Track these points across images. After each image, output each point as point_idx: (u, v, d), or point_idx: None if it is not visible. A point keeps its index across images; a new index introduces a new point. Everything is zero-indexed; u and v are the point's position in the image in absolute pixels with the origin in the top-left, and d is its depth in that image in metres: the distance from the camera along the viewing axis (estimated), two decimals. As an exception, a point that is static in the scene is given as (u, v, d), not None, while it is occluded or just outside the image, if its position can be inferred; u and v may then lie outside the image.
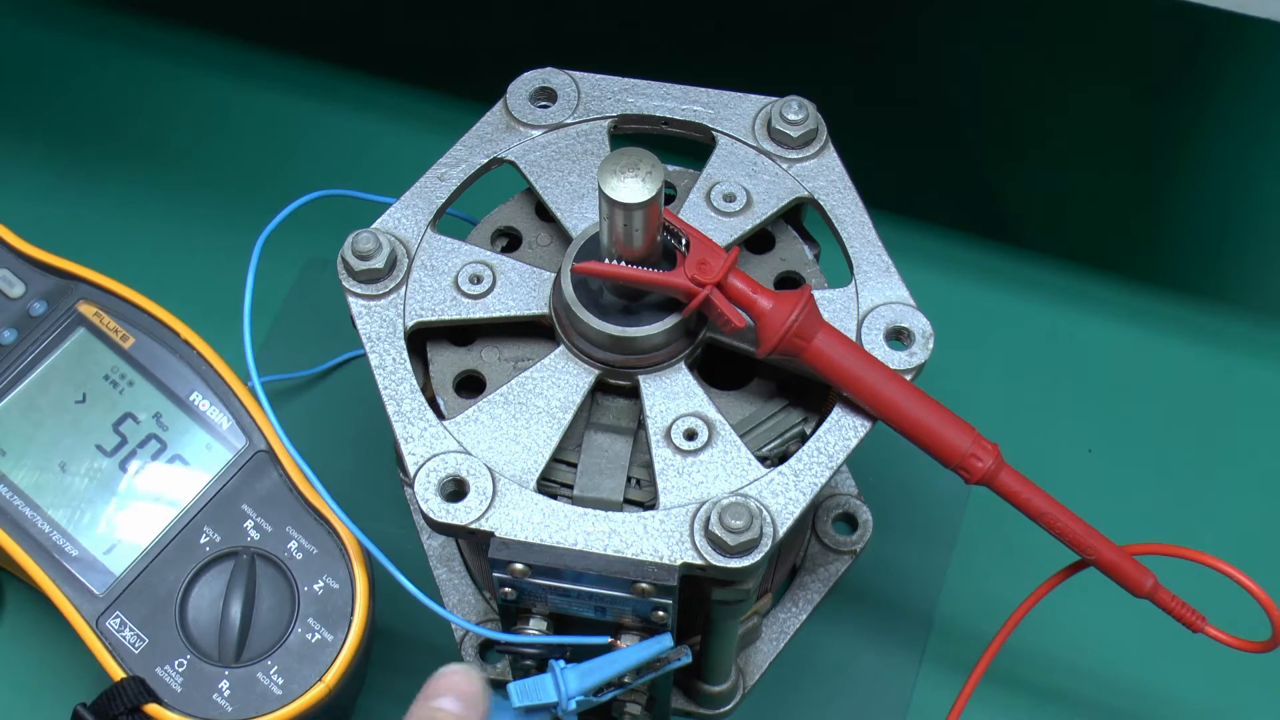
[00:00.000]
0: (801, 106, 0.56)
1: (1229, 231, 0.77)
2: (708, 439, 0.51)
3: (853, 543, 0.66)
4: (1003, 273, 0.74)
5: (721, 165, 0.56)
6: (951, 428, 0.50)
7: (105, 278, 0.62)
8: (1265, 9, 0.57)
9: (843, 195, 0.55)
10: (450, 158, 0.56)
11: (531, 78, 0.58)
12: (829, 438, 0.51)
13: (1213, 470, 0.69)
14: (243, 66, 0.80)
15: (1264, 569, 0.53)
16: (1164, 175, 0.79)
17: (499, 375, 0.54)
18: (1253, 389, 0.71)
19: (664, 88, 0.58)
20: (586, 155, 0.56)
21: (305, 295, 0.73)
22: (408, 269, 0.54)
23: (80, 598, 0.57)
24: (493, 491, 0.50)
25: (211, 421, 0.59)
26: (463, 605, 0.65)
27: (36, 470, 0.59)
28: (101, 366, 0.60)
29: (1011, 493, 0.51)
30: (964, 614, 0.66)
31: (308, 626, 0.56)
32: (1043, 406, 0.71)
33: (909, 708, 0.64)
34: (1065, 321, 0.73)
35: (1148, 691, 0.64)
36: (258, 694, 0.55)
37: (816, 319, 0.50)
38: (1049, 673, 0.65)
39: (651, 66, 0.59)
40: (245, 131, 0.79)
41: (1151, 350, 0.72)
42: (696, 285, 0.49)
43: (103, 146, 0.78)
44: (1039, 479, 0.51)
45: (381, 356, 0.53)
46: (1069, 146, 0.80)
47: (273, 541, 0.57)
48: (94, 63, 0.81)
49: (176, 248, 0.74)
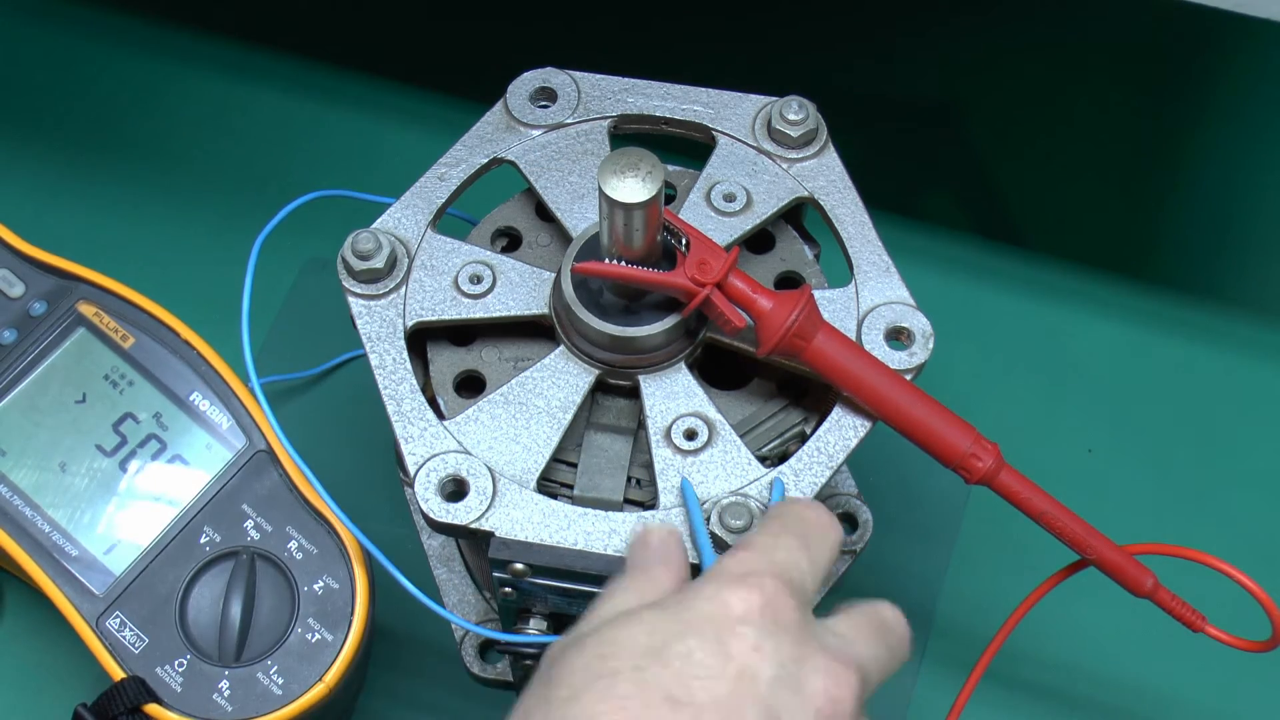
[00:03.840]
0: (801, 106, 0.56)
1: (1229, 231, 0.77)
2: (708, 439, 0.51)
3: (852, 543, 0.66)
4: (1003, 273, 0.74)
5: (721, 165, 0.56)
6: (951, 427, 0.50)
7: (105, 278, 0.62)
8: (1265, 9, 0.57)
9: (843, 195, 0.55)
10: (450, 158, 0.56)
11: (531, 78, 0.58)
12: (829, 438, 0.51)
13: (1213, 470, 0.69)
14: (243, 67, 0.80)
15: (1264, 569, 0.53)
16: (1164, 175, 0.79)
17: (499, 375, 0.54)
18: (1253, 389, 0.71)
19: (664, 88, 0.58)
20: (586, 155, 0.56)
21: (305, 295, 0.73)
22: (408, 269, 0.54)
23: (80, 598, 0.57)
24: (493, 491, 0.50)
25: (211, 421, 0.59)
26: (463, 605, 0.64)
27: (36, 470, 0.59)
28: (101, 366, 0.60)
29: (1011, 492, 0.51)
30: (964, 614, 0.66)
31: (308, 626, 0.56)
32: (1043, 406, 0.71)
33: (909, 708, 0.64)
34: (1065, 321, 0.73)
35: (1148, 691, 0.64)
36: (258, 694, 0.55)
37: (816, 319, 0.50)
38: (1049, 673, 0.65)
39: (651, 66, 0.59)
40: (245, 132, 0.79)
41: (1151, 350, 0.72)
42: (696, 285, 0.49)
43: (103, 146, 0.78)
44: (1039, 479, 0.51)
45: (381, 356, 0.53)
46: (1069, 146, 0.80)
47: (273, 541, 0.57)
48: (94, 63, 0.81)
49: (176, 248, 0.74)
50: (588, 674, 0.40)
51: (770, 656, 0.40)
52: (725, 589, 0.41)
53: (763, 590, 0.41)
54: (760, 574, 0.42)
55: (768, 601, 0.41)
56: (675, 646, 0.40)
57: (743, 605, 0.41)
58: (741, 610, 0.41)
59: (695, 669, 0.39)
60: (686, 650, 0.40)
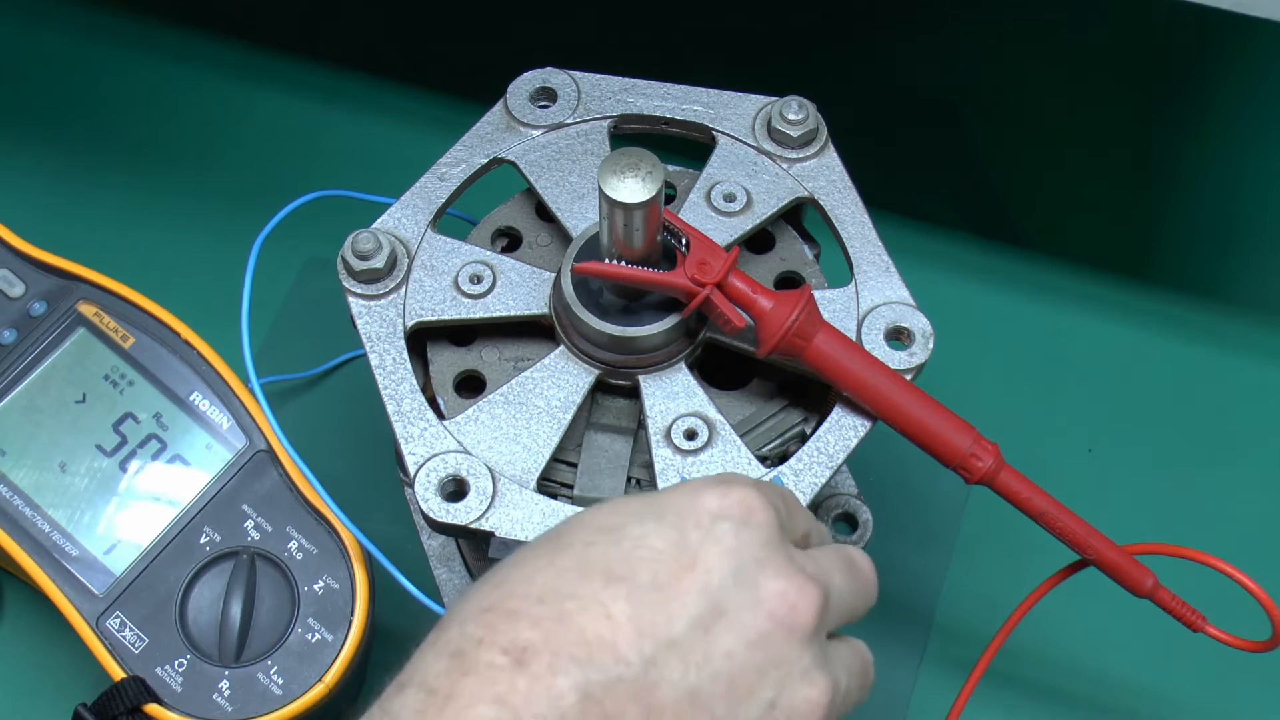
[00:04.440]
0: (801, 106, 0.56)
1: (1229, 232, 0.77)
2: (708, 439, 0.51)
3: (853, 543, 0.66)
4: (1003, 273, 0.74)
5: (721, 165, 0.56)
6: (951, 428, 0.50)
7: (105, 278, 0.62)
8: (1265, 9, 0.57)
9: (843, 195, 0.55)
10: (450, 158, 0.56)
11: (531, 78, 0.58)
12: (829, 438, 0.51)
13: (1213, 470, 0.69)
14: (243, 66, 0.81)
15: (1264, 569, 0.53)
16: (1164, 175, 0.79)
17: (499, 375, 0.54)
18: (1253, 389, 0.71)
19: (664, 88, 0.58)
20: (586, 155, 0.56)
21: (305, 295, 0.73)
22: (408, 269, 0.54)
23: (80, 598, 0.57)
24: (493, 491, 0.50)
25: (211, 421, 0.59)
26: (463, 605, 0.64)
27: (36, 470, 0.59)
28: (101, 366, 0.60)
29: (1011, 493, 0.51)
30: (964, 614, 0.66)
31: (308, 626, 0.56)
32: (1043, 406, 0.71)
33: (909, 708, 0.64)
34: (1065, 321, 0.73)
35: (1148, 691, 0.64)
36: (258, 694, 0.55)
37: (816, 319, 0.50)
38: (1049, 673, 0.65)
39: (651, 66, 0.59)
40: (245, 132, 0.79)
41: (1151, 350, 0.72)
42: (696, 285, 0.49)
43: (103, 147, 0.78)
44: (1039, 479, 0.51)
45: (381, 356, 0.53)
46: (1069, 146, 0.80)
47: (273, 541, 0.57)
48: (94, 63, 0.81)
49: (176, 248, 0.74)
50: (553, 545, 0.40)
51: (730, 553, 0.40)
52: (705, 487, 0.41)
53: (741, 496, 0.41)
54: (744, 485, 0.41)
55: (742, 503, 0.41)
56: (632, 528, 0.40)
57: (716, 503, 0.41)
58: (714, 507, 0.40)
59: (644, 551, 0.39)
60: (642, 533, 0.40)
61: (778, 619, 0.39)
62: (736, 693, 0.39)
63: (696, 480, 0.42)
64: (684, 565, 0.39)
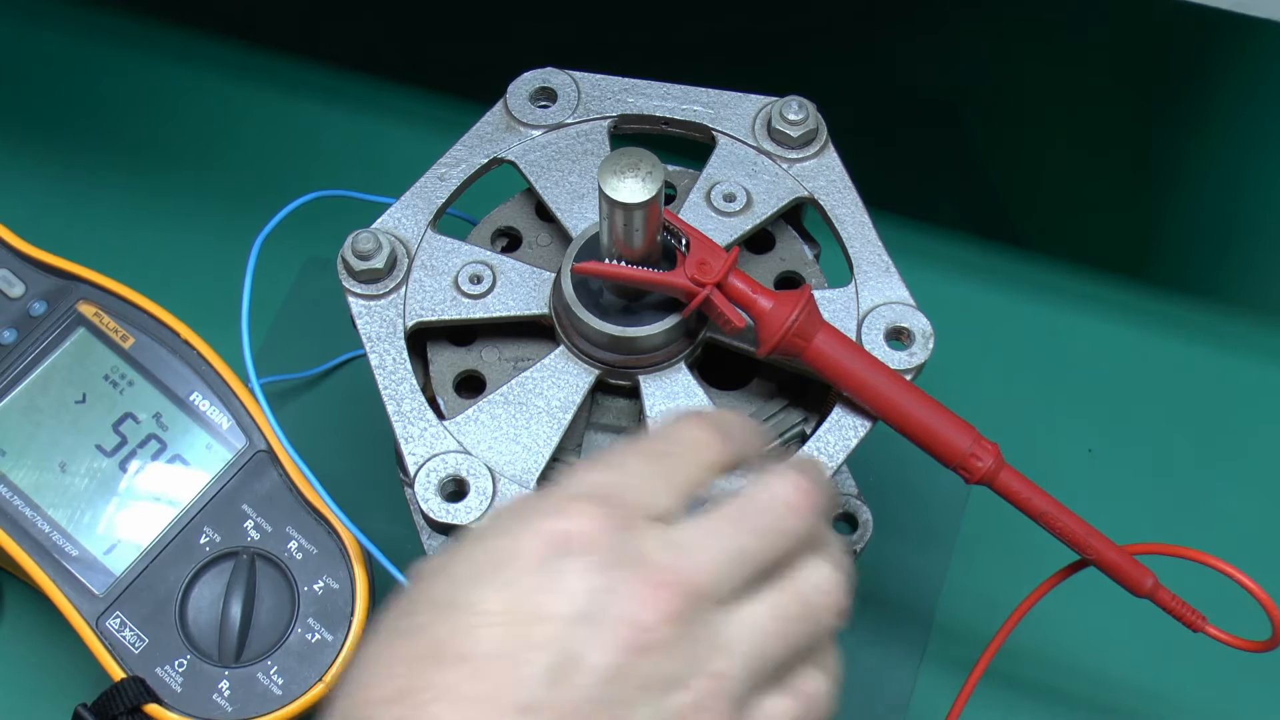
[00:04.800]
0: (801, 106, 0.56)
1: (1229, 232, 0.77)
2: (708, 439, 0.51)
3: (853, 543, 0.66)
4: (1003, 273, 0.74)
5: (721, 165, 0.56)
6: (951, 428, 0.50)
7: (105, 278, 0.62)
8: (1265, 9, 0.57)
9: (843, 195, 0.55)
10: (450, 158, 0.56)
11: (531, 78, 0.58)
12: (829, 438, 0.51)
13: (1213, 470, 0.69)
14: (243, 66, 0.80)
15: (1264, 569, 0.53)
16: (1164, 175, 0.79)
17: (499, 375, 0.54)
18: (1253, 389, 0.71)
19: (664, 88, 0.58)
20: (586, 155, 0.56)
21: (305, 295, 0.73)
22: (408, 269, 0.54)
23: (80, 598, 0.57)
24: (493, 491, 0.50)
25: (211, 421, 0.59)
26: (463, 605, 0.64)
27: (36, 470, 0.59)
28: (101, 366, 0.60)
29: (1011, 493, 0.51)
30: (964, 614, 0.66)
31: (308, 626, 0.56)
32: (1043, 406, 0.71)
33: (909, 708, 0.64)
34: (1065, 321, 0.73)
35: (1148, 691, 0.64)
36: (258, 694, 0.55)
37: (816, 319, 0.50)
38: (1049, 673, 0.65)
39: (651, 66, 0.59)
40: (245, 132, 0.79)
41: (1151, 350, 0.72)
42: (696, 285, 0.49)
43: (103, 147, 0.78)
44: (1039, 479, 0.51)
45: (381, 356, 0.53)
46: (1069, 146, 0.80)
47: (273, 541, 0.57)
48: (94, 63, 0.81)
49: (176, 248, 0.74)
50: (394, 634, 0.38)
51: (570, 595, 0.37)
52: (538, 516, 0.38)
53: (576, 516, 0.38)
54: (580, 501, 0.39)
55: (578, 527, 0.38)
56: (465, 594, 0.37)
57: (549, 533, 0.38)
58: (547, 538, 0.38)
59: (480, 618, 0.37)
60: (477, 598, 0.37)
61: (631, 645, 0.37)
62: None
63: (531, 503, 0.39)
64: (525, 621, 0.37)
